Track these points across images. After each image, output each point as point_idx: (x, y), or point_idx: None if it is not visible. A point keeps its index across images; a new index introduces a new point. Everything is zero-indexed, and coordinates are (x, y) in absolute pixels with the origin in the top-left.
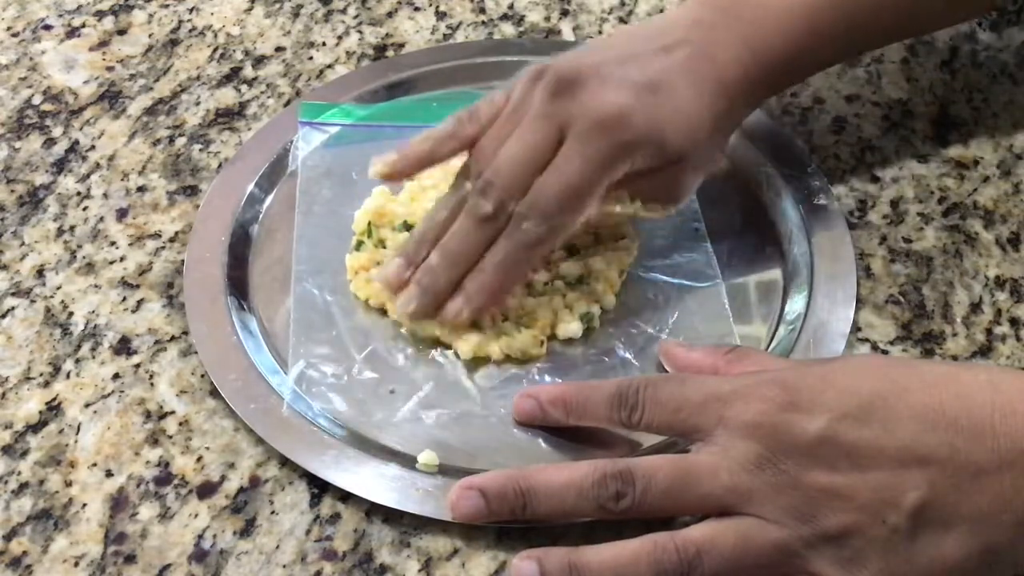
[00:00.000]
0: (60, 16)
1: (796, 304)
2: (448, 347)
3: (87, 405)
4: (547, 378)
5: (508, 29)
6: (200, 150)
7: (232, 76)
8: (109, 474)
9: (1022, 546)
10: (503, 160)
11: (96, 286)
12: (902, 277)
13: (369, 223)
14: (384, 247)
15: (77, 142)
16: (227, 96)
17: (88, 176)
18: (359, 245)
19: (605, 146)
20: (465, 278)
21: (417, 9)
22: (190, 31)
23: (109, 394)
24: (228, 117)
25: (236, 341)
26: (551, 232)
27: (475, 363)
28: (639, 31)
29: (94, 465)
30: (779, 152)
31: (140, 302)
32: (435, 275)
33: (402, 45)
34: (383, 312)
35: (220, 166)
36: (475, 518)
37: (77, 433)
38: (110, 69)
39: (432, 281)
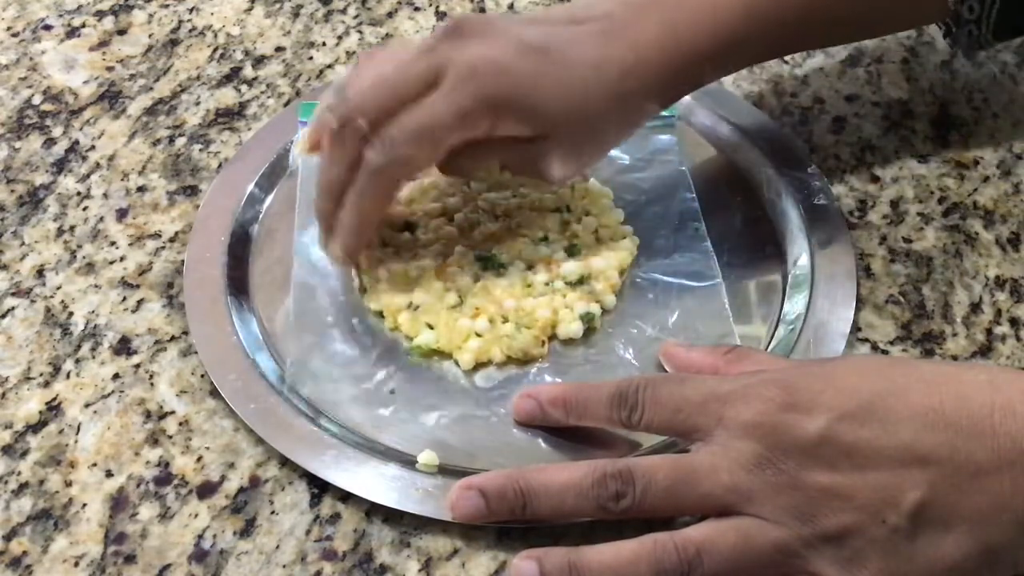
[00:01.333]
0: (60, 16)
1: (796, 304)
2: (449, 357)
3: (87, 405)
4: (547, 378)
5: None
6: (200, 150)
7: (232, 76)
8: (109, 474)
9: (1022, 546)
10: (369, 80)
11: (96, 286)
12: (902, 277)
13: None
14: (386, 246)
15: (77, 142)
16: (227, 96)
17: (88, 176)
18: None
19: (469, 96)
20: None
21: (417, 9)
22: (190, 31)
23: (109, 394)
24: (228, 117)
25: (236, 341)
26: (394, 163)
27: (475, 364)
28: (572, 5)
29: (94, 465)
30: (779, 152)
31: (140, 302)
32: (319, 209)
33: None
34: (382, 314)
35: (220, 166)
36: (475, 518)
37: (77, 433)
38: (110, 69)
39: (319, 214)
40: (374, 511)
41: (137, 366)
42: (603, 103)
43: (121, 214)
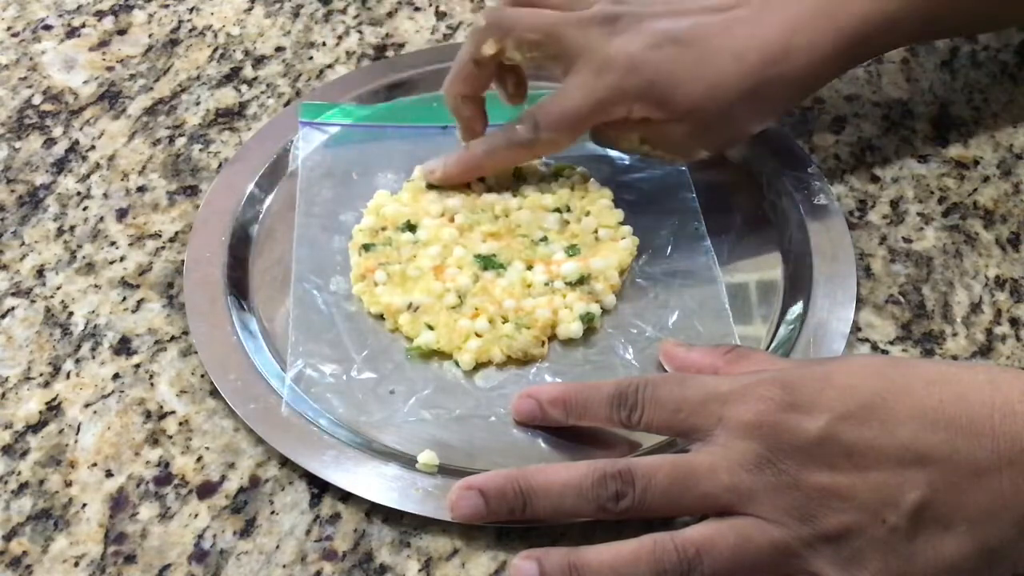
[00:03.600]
0: (60, 16)
1: (796, 304)
2: (449, 357)
3: (87, 405)
4: (547, 378)
5: None
6: (200, 150)
7: (232, 76)
8: (109, 474)
9: (1021, 545)
10: (528, 12)
11: (96, 286)
12: (902, 277)
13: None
14: (390, 246)
15: (77, 142)
16: (227, 96)
17: (88, 176)
18: (367, 248)
19: (604, 87)
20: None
21: (417, 9)
22: (190, 31)
23: (109, 394)
24: (228, 117)
25: (236, 341)
26: (538, 141)
27: (475, 364)
28: None
29: (94, 465)
30: (779, 152)
31: (140, 302)
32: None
33: (402, 45)
34: (383, 316)
35: (220, 166)
36: (474, 518)
37: (77, 433)
38: (110, 69)
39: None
40: (374, 511)
41: (137, 366)
42: (739, 92)
43: (121, 214)
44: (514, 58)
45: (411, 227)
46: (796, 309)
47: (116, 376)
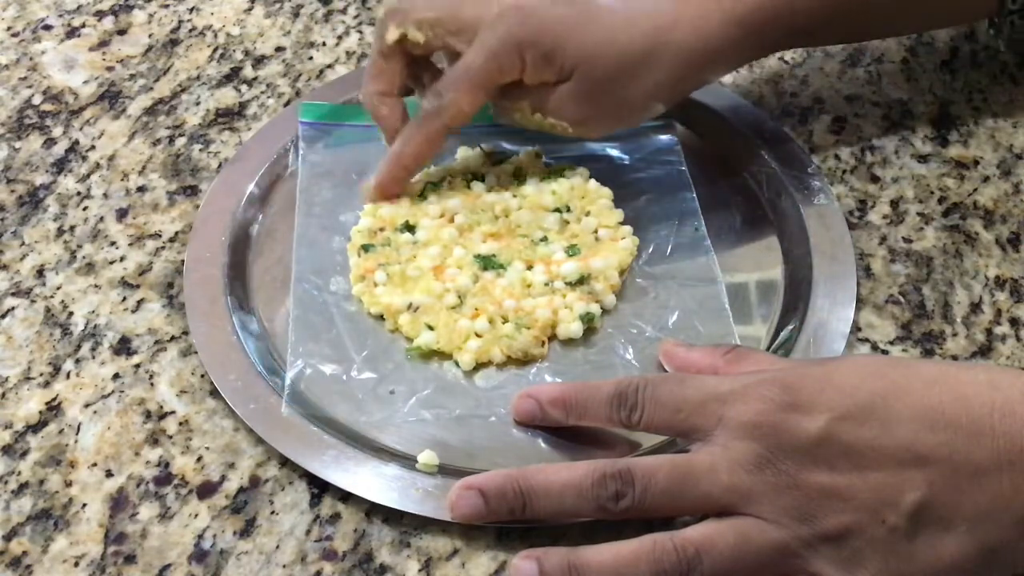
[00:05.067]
0: (60, 16)
1: (796, 304)
2: (449, 357)
3: (87, 405)
4: (547, 378)
5: None
6: (200, 150)
7: (232, 76)
8: (109, 474)
9: (1021, 546)
10: (423, 1)
11: (96, 286)
12: (902, 277)
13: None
14: (389, 246)
15: (77, 142)
16: (227, 96)
17: (88, 176)
18: (366, 248)
19: (496, 38)
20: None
21: None
22: (190, 31)
23: (109, 394)
24: (228, 117)
25: (236, 341)
26: (443, 109)
27: (475, 364)
28: None
29: (94, 465)
30: (779, 152)
31: (140, 302)
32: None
33: None
34: (383, 317)
35: (220, 166)
36: (474, 518)
37: (77, 433)
38: (110, 69)
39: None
40: (374, 511)
41: (137, 366)
42: (629, 54)
43: (121, 214)
44: (417, 39)
45: (410, 227)
46: (796, 309)
47: (116, 376)
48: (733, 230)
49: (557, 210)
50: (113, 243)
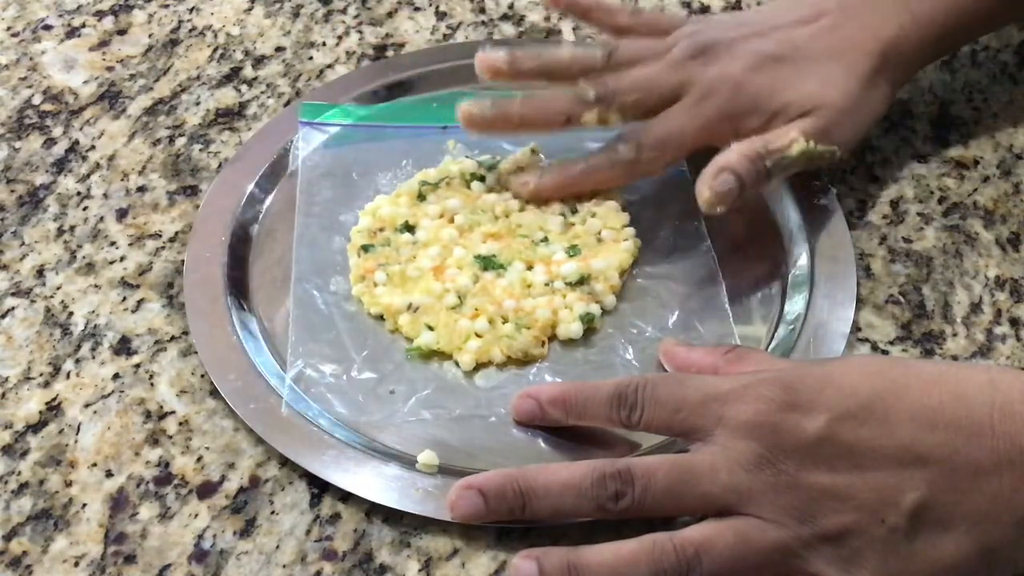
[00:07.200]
0: (60, 16)
1: (796, 304)
2: (449, 358)
3: (87, 405)
4: (547, 378)
5: (508, 29)
6: (200, 150)
7: (232, 76)
8: (109, 474)
9: (1021, 546)
10: (626, 76)
11: (96, 286)
12: (902, 277)
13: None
14: (388, 246)
15: (77, 142)
16: (227, 96)
17: (88, 176)
18: (366, 249)
19: (709, 109)
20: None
21: (417, 9)
22: (190, 31)
23: (109, 394)
24: (228, 117)
25: (236, 341)
26: (639, 161)
27: (475, 365)
28: (795, 1)
29: (94, 465)
30: None
31: (140, 302)
32: (512, 104)
33: (402, 45)
34: (382, 317)
35: (220, 166)
36: (474, 518)
37: (77, 433)
38: (110, 69)
39: (504, 108)
40: (374, 511)
41: (137, 366)
42: (847, 86)
43: (121, 214)
44: (610, 120)
45: (409, 228)
46: (796, 309)
47: (116, 376)
48: (733, 230)
49: (563, 214)
50: (113, 243)
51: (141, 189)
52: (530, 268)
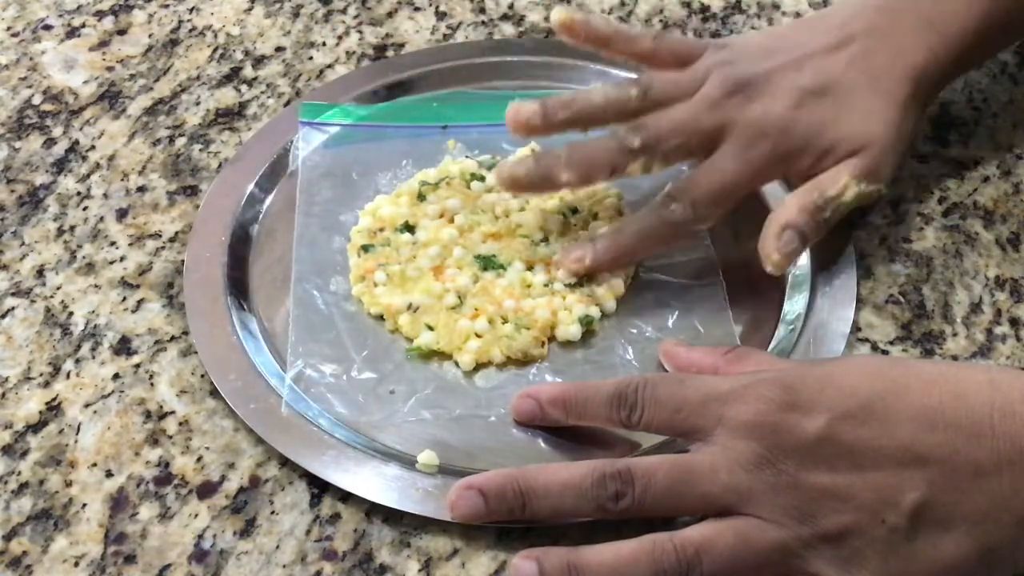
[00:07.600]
0: (60, 16)
1: (796, 304)
2: (449, 358)
3: (87, 405)
4: (547, 378)
5: (508, 29)
6: (200, 150)
7: (232, 76)
8: (109, 474)
9: (1021, 546)
10: (665, 118)
11: (96, 286)
12: (902, 277)
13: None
14: (388, 246)
15: (77, 142)
16: (227, 96)
17: (88, 176)
18: (366, 249)
19: (760, 155)
20: (597, 238)
21: (417, 9)
22: (190, 31)
23: (109, 394)
24: (228, 117)
25: (236, 341)
26: (695, 220)
27: (475, 365)
28: (818, 24)
29: (94, 465)
30: None
31: (140, 302)
32: (556, 162)
33: (402, 45)
34: (382, 317)
35: (220, 166)
36: (474, 518)
37: (77, 433)
38: (110, 69)
39: (551, 165)
40: (374, 511)
41: (137, 366)
42: (889, 112)
43: (121, 214)
44: (654, 169)
45: (409, 228)
46: (796, 309)
47: (116, 376)
48: (733, 230)
49: (563, 214)
50: (113, 243)
51: (141, 189)
52: (530, 268)
